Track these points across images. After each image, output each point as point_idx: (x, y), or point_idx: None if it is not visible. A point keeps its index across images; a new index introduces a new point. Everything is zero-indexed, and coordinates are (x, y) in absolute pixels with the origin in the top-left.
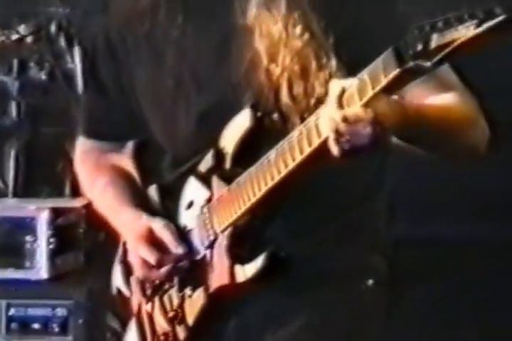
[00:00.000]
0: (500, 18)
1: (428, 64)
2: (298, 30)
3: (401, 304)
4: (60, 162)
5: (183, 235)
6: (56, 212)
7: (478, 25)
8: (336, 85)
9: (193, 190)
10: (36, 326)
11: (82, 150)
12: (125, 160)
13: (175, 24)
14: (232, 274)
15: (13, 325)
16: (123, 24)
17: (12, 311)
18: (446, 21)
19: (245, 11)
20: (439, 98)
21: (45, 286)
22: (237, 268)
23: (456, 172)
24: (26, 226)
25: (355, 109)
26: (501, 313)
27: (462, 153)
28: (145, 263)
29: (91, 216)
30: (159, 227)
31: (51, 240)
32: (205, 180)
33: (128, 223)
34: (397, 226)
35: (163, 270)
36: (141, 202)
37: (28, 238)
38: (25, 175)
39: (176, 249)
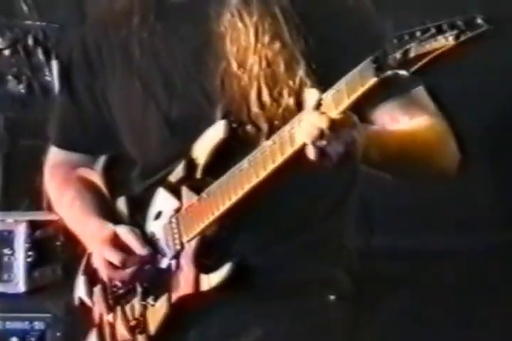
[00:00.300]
0: (481, 28)
1: (406, 73)
2: (267, 38)
3: (367, 319)
4: (39, 175)
5: (149, 242)
6: (34, 225)
7: (458, 36)
8: (312, 94)
9: (162, 201)
10: (14, 340)
11: (52, 164)
12: (94, 175)
13: (148, 31)
14: (196, 283)
15: None
16: (99, 33)
17: None
18: (425, 31)
19: (219, 18)
20: (409, 121)
21: (23, 299)
22: (202, 276)
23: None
24: (4, 239)
25: (334, 115)
26: (473, 327)
27: (432, 177)
28: (110, 264)
29: (69, 229)
30: (124, 232)
31: (29, 253)
32: (175, 190)
33: (93, 232)
34: (363, 239)
35: (128, 271)
36: (108, 213)
37: (6, 251)
38: (4, 187)
39: (141, 250)
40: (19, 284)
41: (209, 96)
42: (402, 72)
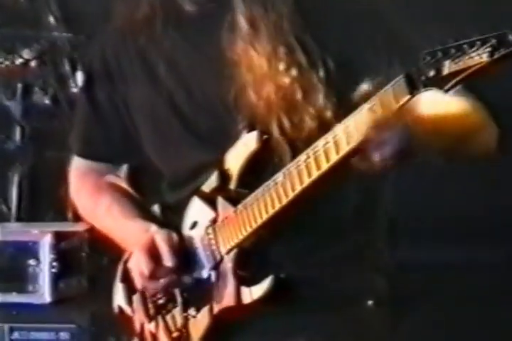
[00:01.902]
0: None
1: (440, 91)
2: (283, 65)
3: (402, 324)
4: (64, 186)
5: (188, 252)
6: (59, 236)
7: (492, 53)
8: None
9: (197, 210)
10: None
11: (78, 174)
12: (122, 182)
13: (169, 40)
14: (238, 296)
15: None
16: (117, 41)
17: (15, 335)
18: (459, 48)
19: (232, 45)
20: (451, 105)
21: (48, 310)
22: (243, 289)
23: (457, 196)
24: (29, 250)
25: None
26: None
27: (474, 155)
28: (142, 273)
29: (94, 240)
30: (160, 238)
31: (54, 264)
32: (210, 200)
33: (136, 234)
34: (398, 248)
35: (161, 281)
36: (146, 215)
37: (31, 262)
38: (29, 199)
39: (168, 261)
40: (44, 295)
41: (229, 107)
42: (437, 90)
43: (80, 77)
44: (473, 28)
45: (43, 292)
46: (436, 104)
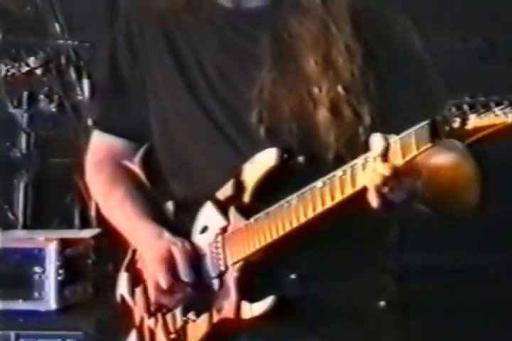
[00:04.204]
0: None
1: (461, 145)
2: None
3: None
4: (70, 193)
5: (196, 257)
6: (64, 243)
7: None
8: (377, 140)
9: (209, 216)
10: None
11: (97, 159)
12: (136, 168)
13: (199, 33)
14: (238, 310)
15: None
16: (146, 21)
17: None
18: (485, 104)
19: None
20: (446, 158)
21: (54, 317)
22: (245, 304)
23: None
24: (35, 257)
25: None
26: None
27: (461, 210)
28: (159, 286)
29: (99, 247)
30: (177, 252)
31: (60, 271)
32: (223, 208)
33: (149, 240)
34: (407, 253)
35: (176, 296)
36: (158, 215)
37: (37, 269)
38: (35, 206)
39: (186, 277)
40: (50, 302)
41: (253, 105)
42: (459, 143)
43: (86, 85)
44: (505, 86)
45: (49, 299)
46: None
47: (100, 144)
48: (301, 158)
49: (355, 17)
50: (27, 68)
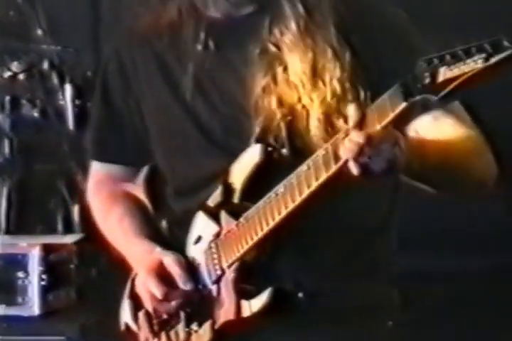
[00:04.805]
0: (509, 51)
1: (434, 98)
2: (311, 77)
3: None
4: (53, 199)
5: (191, 269)
6: (48, 249)
7: (487, 59)
8: (354, 109)
9: (202, 225)
10: None
11: (95, 180)
12: (137, 189)
13: (191, 47)
14: (238, 309)
15: None
16: (135, 45)
17: None
18: (454, 54)
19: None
20: (446, 133)
21: (38, 322)
22: (243, 302)
23: (463, 206)
24: (18, 262)
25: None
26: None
27: (470, 188)
28: (154, 296)
29: (83, 252)
30: (170, 261)
31: (43, 276)
32: (214, 215)
33: (140, 255)
34: (407, 259)
35: (173, 303)
36: (154, 233)
37: (20, 274)
38: (18, 212)
39: (184, 284)
40: (33, 307)
41: (247, 115)
42: (431, 97)
43: (68, 90)
44: (470, 35)
45: (32, 304)
46: (433, 127)
47: (99, 171)
48: (285, 151)
49: (340, 23)
50: (10, 73)
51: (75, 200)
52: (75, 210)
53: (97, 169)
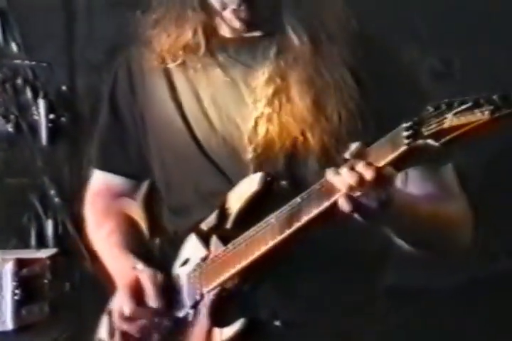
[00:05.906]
0: None
1: (436, 144)
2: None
3: None
4: (26, 213)
5: (171, 290)
6: (21, 263)
7: (494, 111)
8: (355, 147)
9: (191, 248)
10: None
11: (94, 191)
12: (135, 206)
13: (200, 67)
14: (209, 336)
15: None
16: (144, 59)
17: None
18: (462, 103)
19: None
20: (438, 201)
21: (11, 337)
22: (215, 330)
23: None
24: None
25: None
26: None
27: (450, 251)
28: (122, 313)
29: (56, 267)
30: (145, 278)
31: (16, 291)
32: (205, 238)
33: (122, 270)
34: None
35: (138, 323)
36: (142, 250)
37: None
38: None
39: (154, 302)
40: (7, 322)
41: (246, 139)
42: (434, 143)
43: (42, 104)
44: (482, 86)
45: (6, 319)
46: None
47: (99, 181)
48: (284, 182)
49: (350, 58)
50: None
51: (48, 215)
52: (49, 225)
53: (97, 178)
